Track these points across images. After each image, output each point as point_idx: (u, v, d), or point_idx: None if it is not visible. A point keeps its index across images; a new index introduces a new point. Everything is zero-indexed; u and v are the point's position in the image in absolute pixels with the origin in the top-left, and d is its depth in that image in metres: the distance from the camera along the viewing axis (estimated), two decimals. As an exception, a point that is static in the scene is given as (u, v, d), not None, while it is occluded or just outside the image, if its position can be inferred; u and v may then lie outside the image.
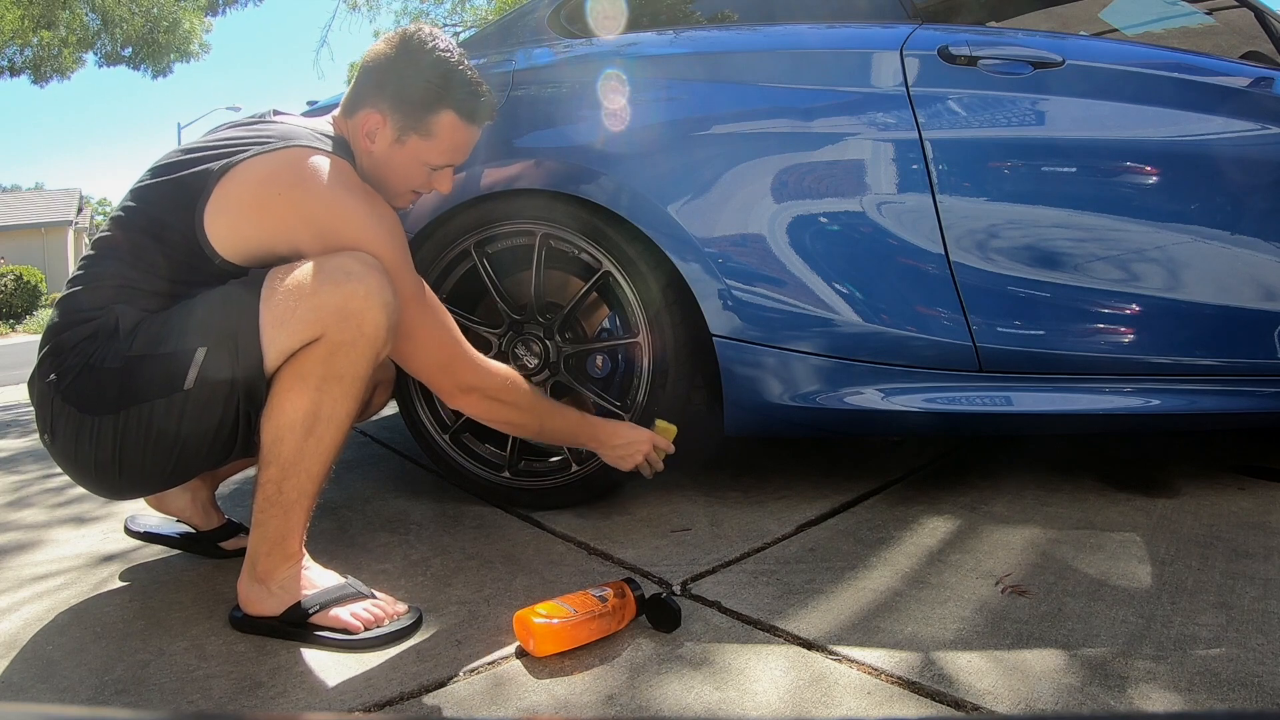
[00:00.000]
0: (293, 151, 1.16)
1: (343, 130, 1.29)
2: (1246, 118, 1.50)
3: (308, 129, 1.23)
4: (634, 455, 1.47)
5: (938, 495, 1.62)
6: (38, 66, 11.39)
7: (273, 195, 1.14)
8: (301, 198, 1.14)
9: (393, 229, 1.19)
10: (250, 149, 1.16)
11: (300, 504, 1.15)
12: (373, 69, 1.26)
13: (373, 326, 1.11)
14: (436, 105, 1.24)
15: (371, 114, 1.25)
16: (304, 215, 1.15)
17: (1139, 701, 0.92)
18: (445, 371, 1.28)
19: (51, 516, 1.87)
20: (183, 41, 11.88)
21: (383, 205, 1.20)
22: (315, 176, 1.14)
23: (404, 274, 1.19)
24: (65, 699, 1.04)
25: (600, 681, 1.02)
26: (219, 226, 1.14)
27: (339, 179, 1.16)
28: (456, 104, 1.25)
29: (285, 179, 1.15)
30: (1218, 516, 1.44)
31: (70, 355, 1.13)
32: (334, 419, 1.13)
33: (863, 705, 0.94)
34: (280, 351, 1.10)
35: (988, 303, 1.49)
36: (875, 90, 1.54)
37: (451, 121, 1.26)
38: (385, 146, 1.26)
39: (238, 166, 1.14)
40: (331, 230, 1.14)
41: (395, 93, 1.24)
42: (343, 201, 1.15)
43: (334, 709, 0.98)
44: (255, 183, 1.14)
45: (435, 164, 1.29)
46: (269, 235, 1.16)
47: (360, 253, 1.13)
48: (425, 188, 1.32)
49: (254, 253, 1.17)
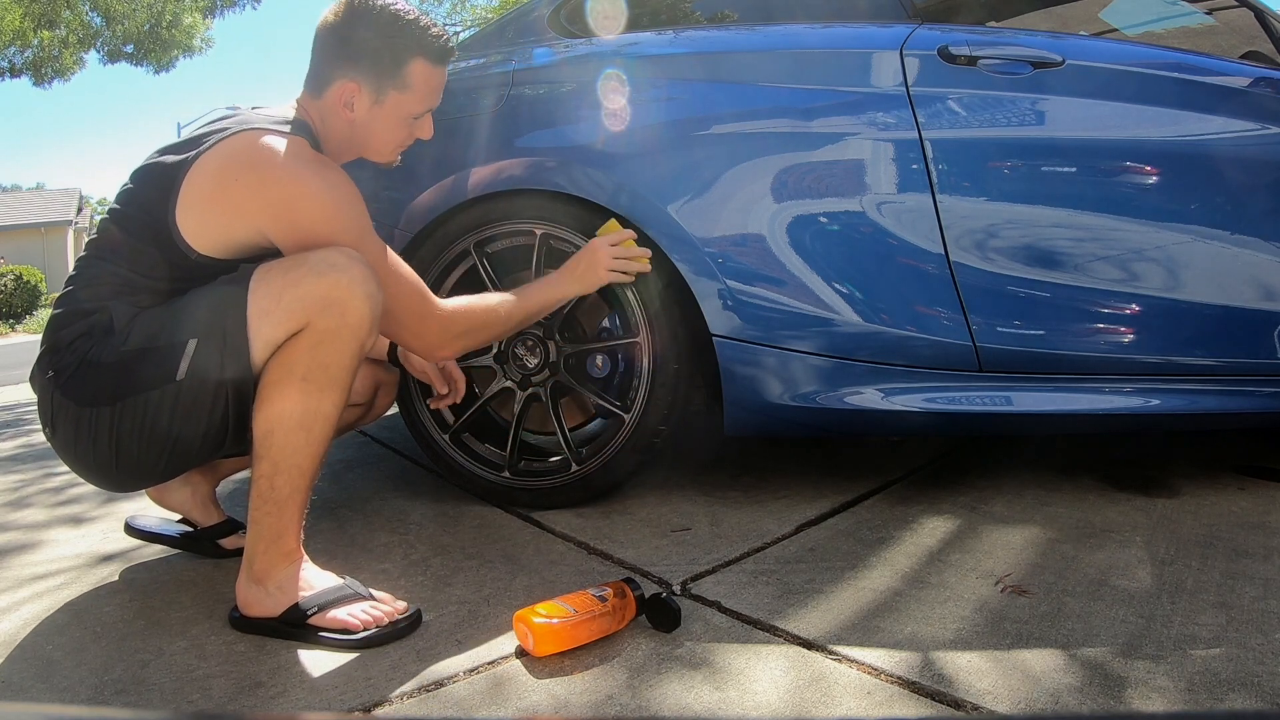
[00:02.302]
0: (244, 135, 1.17)
1: (312, 110, 1.29)
2: (1246, 118, 1.50)
3: (265, 116, 1.24)
4: (597, 268, 1.49)
5: (938, 495, 1.62)
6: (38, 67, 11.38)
7: (229, 181, 1.16)
8: (256, 180, 1.15)
9: (350, 198, 1.20)
10: (209, 139, 1.18)
11: (294, 499, 1.15)
12: (331, 40, 1.26)
13: (356, 315, 1.12)
14: (405, 55, 1.25)
15: (345, 84, 1.25)
16: (261, 197, 1.16)
17: (1139, 701, 0.92)
18: (420, 330, 1.30)
19: (51, 516, 1.87)
20: (185, 36, 11.89)
21: (337, 174, 1.20)
22: (267, 157, 1.15)
23: (367, 242, 1.20)
24: (65, 699, 1.04)
25: (600, 681, 1.02)
26: (189, 221, 1.16)
27: (291, 155, 1.16)
28: (422, 49, 1.26)
29: (238, 164, 1.16)
30: (1218, 516, 1.44)
31: (67, 352, 1.15)
32: (321, 410, 1.14)
33: (863, 705, 0.94)
34: (267, 342, 1.12)
35: (988, 303, 1.49)
36: (875, 90, 1.54)
37: (422, 67, 1.27)
38: (365, 110, 1.27)
39: (198, 160, 1.16)
40: (289, 207, 1.16)
41: (362, 56, 1.24)
42: (296, 177, 1.16)
43: (334, 709, 0.98)
44: (212, 172, 1.16)
45: (417, 112, 1.30)
46: (233, 222, 1.17)
47: (343, 246, 1.15)
48: (409, 140, 1.34)
49: (224, 243, 1.18)
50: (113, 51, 11.74)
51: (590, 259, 1.49)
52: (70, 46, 11.35)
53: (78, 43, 11.46)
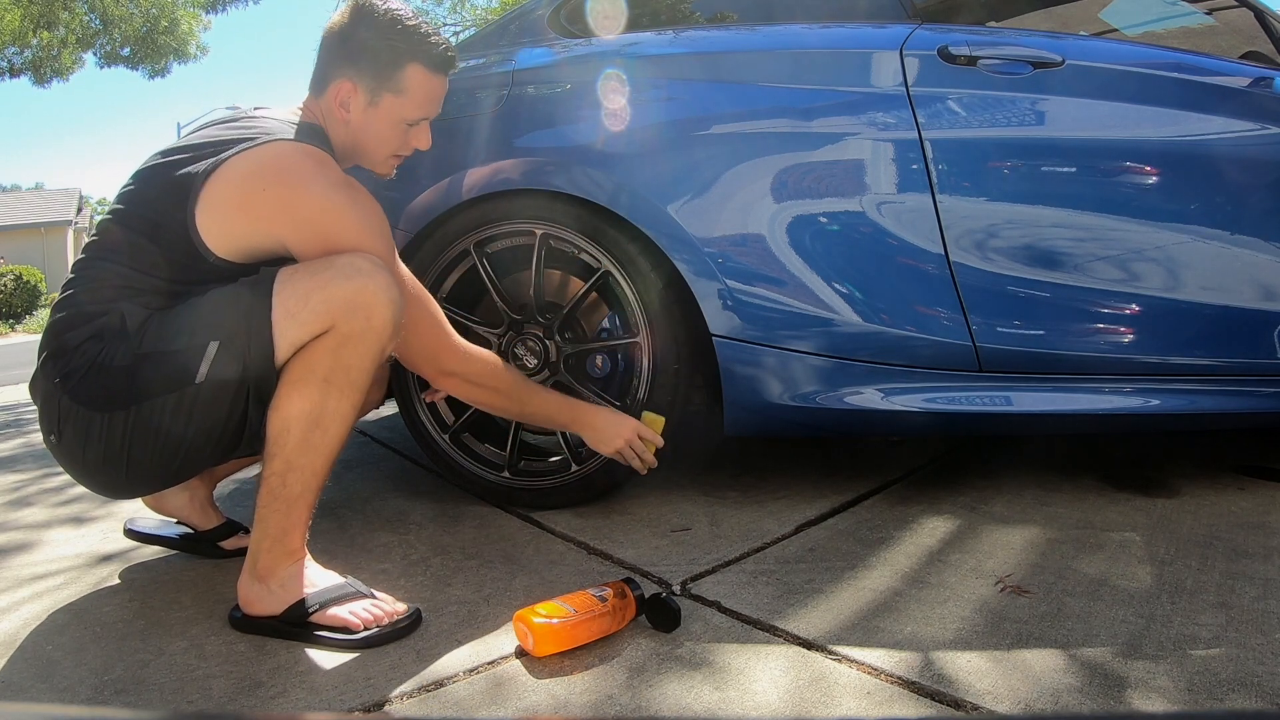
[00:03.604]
0: (274, 146, 1.18)
1: (315, 111, 1.30)
2: (1246, 118, 1.50)
3: (284, 123, 1.25)
4: (616, 439, 1.48)
5: (938, 495, 1.62)
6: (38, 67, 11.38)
7: (257, 191, 1.16)
8: (286, 194, 1.16)
9: (377, 220, 1.21)
10: (235, 146, 1.18)
11: (303, 499, 1.15)
12: (333, 41, 1.28)
13: (380, 320, 1.13)
14: (402, 60, 1.27)
15: (342, 83, 1.27)
16: (289, 211, 1.17)
17: (1139, 701, 0.92)
18: (431, 358, 1.33)
19: (51, 516, 1.87)
20: (180, 43, 11.90)
21: (365, 196, 1.21)
22: (298, 171, 1.16)
23: (392, 264, 1.21)
24: (65, 699, 1.04)
25: (600, 681, 1.02)
26: (210, 225, 1.16)
27: (321, 172, 1.17)
28: (421, 56, 1.27)
29: (268, 175, 1.17)
30: (1218, 516, 1.44)
31: (75, 356, 1.14)
32: (339, 412, 1.14)
33: (863, 705, 0.94)
34: (291, 343, 1.12)
35: (987, 303, 1.49)
36: (875, 90, 1.54)
37: (419, 73, 1.28)
38: (360, 111, 1.28)
39: (223, 165, 1.16)
40: (316, 223, 1.16)
41: (360, 57, 1.26)
42: (327, 195, 1.17)
43: (334, 709, 0.98)
44: (240, 180, 1.16)
45: (411, 118, 1.31)
46: (256, 231, 1.17)
47: (368, 253, 1.15)
48: (405, 149, 1.34)
49: (245, 248, 1.18)
50: (109, 54, 11.74)
51: (615, 428, 1.48)
52: (69, 47, 11.35)
53: (76, 43, 11.46)
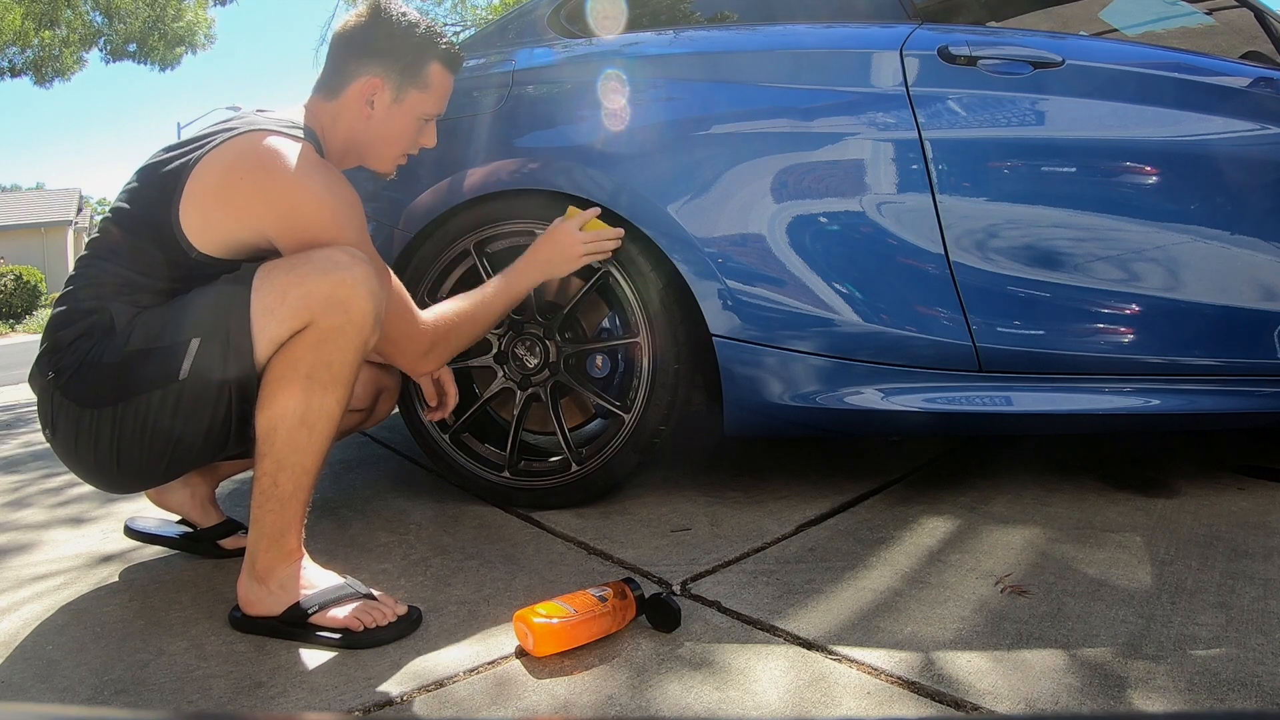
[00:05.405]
0: (251, 135, 1.18)
1: (322, 114, 1.30)
2: (1246, 118, 1.50)
3: (273, 118, 1.25)
4: (571, 251, 1.48)
5: (938, 495, 1.62)
6: (39, 67, 11.39)
7: (235, 181, 1.16)
8: (262, 180, 1.16)
9: (352, 204, 1.21)
10: (216, 138, 1.18)
11: (296, 497, 1.16)
12: (353, 41, 1.29)
13: (359, 313, 1.13)
14: (426, 57, 1.30)
15: (368, 80, 1.28)
16: (266, 198, 1.17)
17: (1139, 701, 0.92)
18: (404, 347, 1.33)
19: (51, 516, 1.87)
20: (189, 32, 11.93)
21: (342, 183, 1.21)
22: (274, 158, 1.16)
23: (365, 248, 1.21)
24: (65, 699, 1.04)
25: (600, 681, 1.02)
26: (192, 219, 1.16)
27: (298, 159, 1.17)
28: (439, 54, 1.32)
29: (245, 163, 1.17)
30: (1218, 516, 1.44)
31: (68, 352, 1.15)
32: (324, 409, 1.14)
33: (863, 705, 0.94)
34: (271, 340, 1.12)
35: (987, 303, 1.49)
36: (875, 90, 1.54)
37: (439, 70, 1.32)
38: (385, 107, 1.30)
39: (204, 158, 1.17)
40: (292, 208, 1.17)
41: (386, 54, 1.28)
42: (302, 182, 1.17)
43: (334, 709, 0.98)
44: (219, 171, 1.16)
45: (430, 114, 1.34)
46: (236, 222, 1.18)
47: (347, 246, 1.16)
48: (413, 147, 1.37)
49: (226, 242, 1.19)
50: (115, 50, 11.75)
51: (563, 246, 1.48)
52: (71, 45, 11.36)
53: (79, 41, 11.46)
